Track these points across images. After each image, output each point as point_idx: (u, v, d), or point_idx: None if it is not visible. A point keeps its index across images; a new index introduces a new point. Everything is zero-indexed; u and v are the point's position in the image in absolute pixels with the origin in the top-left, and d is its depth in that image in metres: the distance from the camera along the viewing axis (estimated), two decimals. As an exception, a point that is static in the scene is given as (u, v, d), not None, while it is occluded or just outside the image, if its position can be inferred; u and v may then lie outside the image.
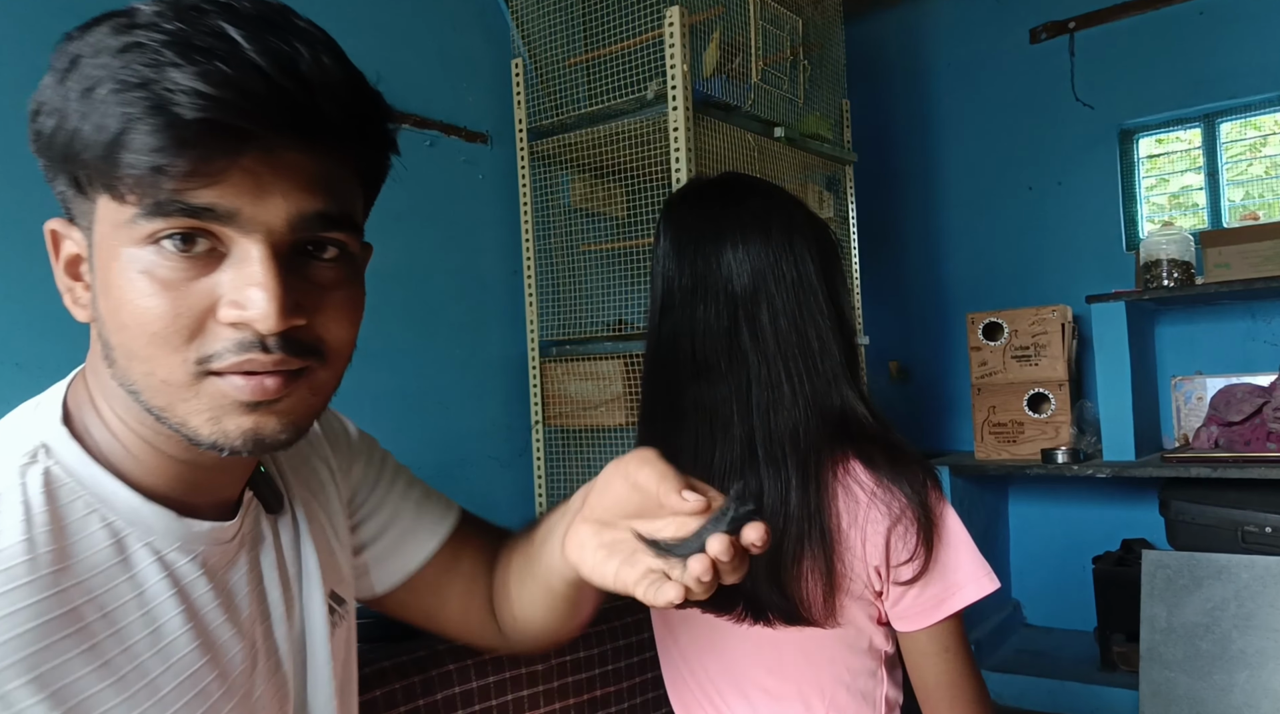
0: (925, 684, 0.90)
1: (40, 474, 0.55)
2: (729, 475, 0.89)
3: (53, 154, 0.54)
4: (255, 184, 0.51)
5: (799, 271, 0.91)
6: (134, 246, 0.51)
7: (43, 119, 0.53)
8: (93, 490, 0.56)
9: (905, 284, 3.79)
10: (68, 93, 0.51)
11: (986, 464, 3.04)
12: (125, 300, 0.52)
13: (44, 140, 0.54)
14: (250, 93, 0.48)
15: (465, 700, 1.01)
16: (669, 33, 2.17)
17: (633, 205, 2.58)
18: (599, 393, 2.43)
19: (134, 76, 0.48)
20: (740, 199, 0.94)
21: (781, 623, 0.88)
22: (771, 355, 0.89)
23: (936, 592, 0.88)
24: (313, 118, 0.51)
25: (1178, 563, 2.39)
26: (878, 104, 3.77)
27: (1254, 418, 2.61)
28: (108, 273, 0.53)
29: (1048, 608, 3.43)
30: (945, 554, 0.89)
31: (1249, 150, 3.27)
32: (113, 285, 0.52)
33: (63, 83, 0.51)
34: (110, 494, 0.56)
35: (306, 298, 0.54)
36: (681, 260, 0.93)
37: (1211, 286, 2.73)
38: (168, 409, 0.53)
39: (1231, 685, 2.26)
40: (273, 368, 0.53)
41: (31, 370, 1.74)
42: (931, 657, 0.89)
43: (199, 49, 0.48)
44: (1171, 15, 3.18)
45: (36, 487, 0.54)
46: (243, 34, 0.49)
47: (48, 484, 0.54)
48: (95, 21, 0.53)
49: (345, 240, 0.56)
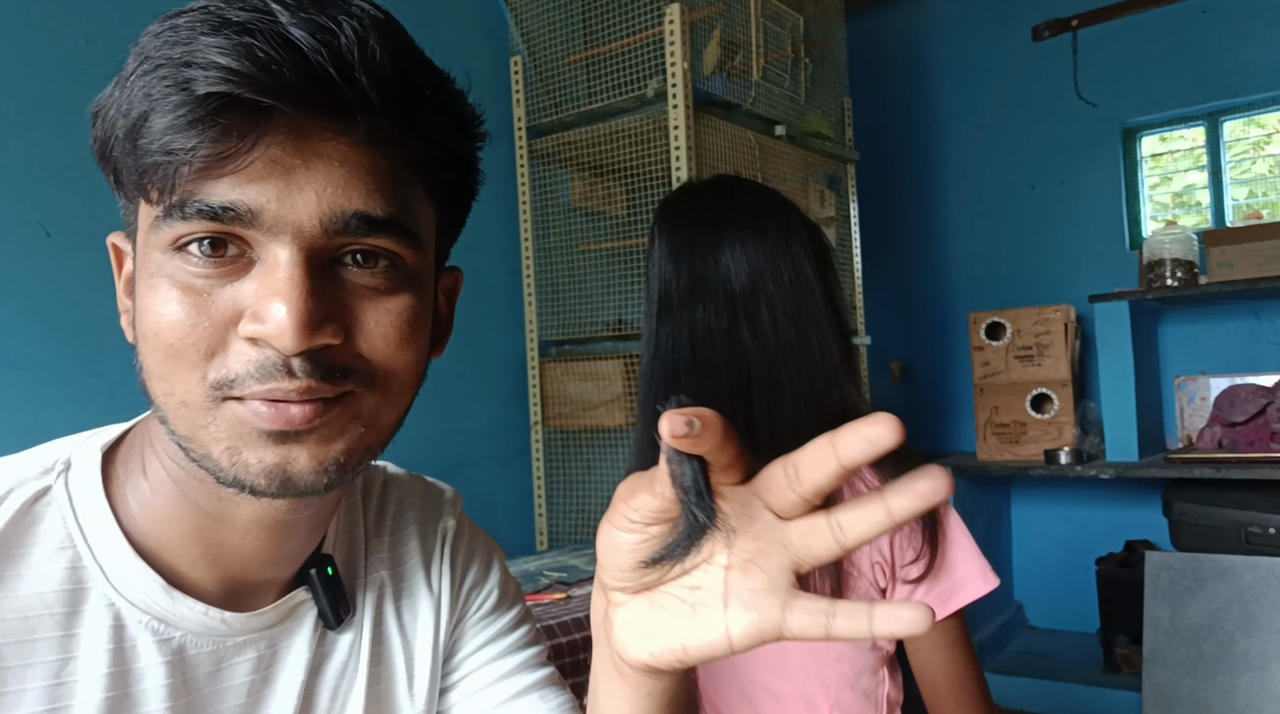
0: (933, 680, 0.91)
1: (36, 491, 0.50)
2: None
3: (99, 155, 0.48)
4: (283, 176, 0.44)
5: (796, 271, 0.91)
6: (161, 252, 0.45)
7: (95, 122, 0.48)
8: (84, 527, 0.49)
9: (907, 283, 3.77)
10: (112, 88, 0.46)
11: (989, 465, 3.03)
12: (146, 308, 0.46)
13: (93, 143, 0.49)
14: (276, 66, 0.42)
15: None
16: (669, 30, 2.16)
17: (633, 204, 2.57)
18: (599, 393, 2.42)
19: (162, 56, 0.43)
20: (735, 200, 0.95)
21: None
22: (772, 354, 0.89)
23: (943, 589, 0.89)
24: (350, 98, 0.44)
25: (1181, 564, 2.37)
26: (880, 102, 3.76)
27: (1258, 418, 2.60)
28: (139, 283, 0.47)
29: (1050, 610, 3.41)
30: (950, 551, 0.90)
31: (1253, 149, 3.25)
32: (140, 295, 0.47)
33: (114, 82, 0.47)
34: (103, 539, 0.49)
35: (343, 311, 0.46)
36: (679, 262, 0.93)
37: (1215, 286, 2.72)
38: (191, 438, 0.46)
39: (1235, 688, 2.25)
40: (298, 397, 0.45)
41: (28, 370, 1.73)
42: (939, 652, 0.90)
43: (232, 24, 0.42)
44: (1175, 13, 3.16)
45: (22, 498, 0.49)
46: (283, 7, 0.43)
47: (36, 498, 0.49)
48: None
49: (395, 249, 0.47)
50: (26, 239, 1.75)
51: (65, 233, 1.80)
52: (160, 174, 0.43)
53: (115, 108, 0.45)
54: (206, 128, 0.42)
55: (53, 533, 0.49)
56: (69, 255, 1.80)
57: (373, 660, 0.59)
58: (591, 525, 2.48)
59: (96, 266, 1.84)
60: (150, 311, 0.45)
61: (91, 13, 1.86)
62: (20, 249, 1.74)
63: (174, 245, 0.45)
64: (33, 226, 1.76)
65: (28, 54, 1.77)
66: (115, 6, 1.90)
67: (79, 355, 1.80)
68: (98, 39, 1.87)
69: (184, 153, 0.42)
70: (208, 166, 0.43)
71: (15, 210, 1.73)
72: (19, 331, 1.73)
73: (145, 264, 0.47)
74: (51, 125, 1.78)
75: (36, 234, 1.77)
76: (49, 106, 1.78)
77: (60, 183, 1.79)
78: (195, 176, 0.43)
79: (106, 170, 0.48)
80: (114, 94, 0.46)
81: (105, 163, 0.48)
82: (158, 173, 0.43)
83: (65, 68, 1.81)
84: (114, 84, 0.46)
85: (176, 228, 0.44)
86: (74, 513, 0.49)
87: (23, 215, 1.75)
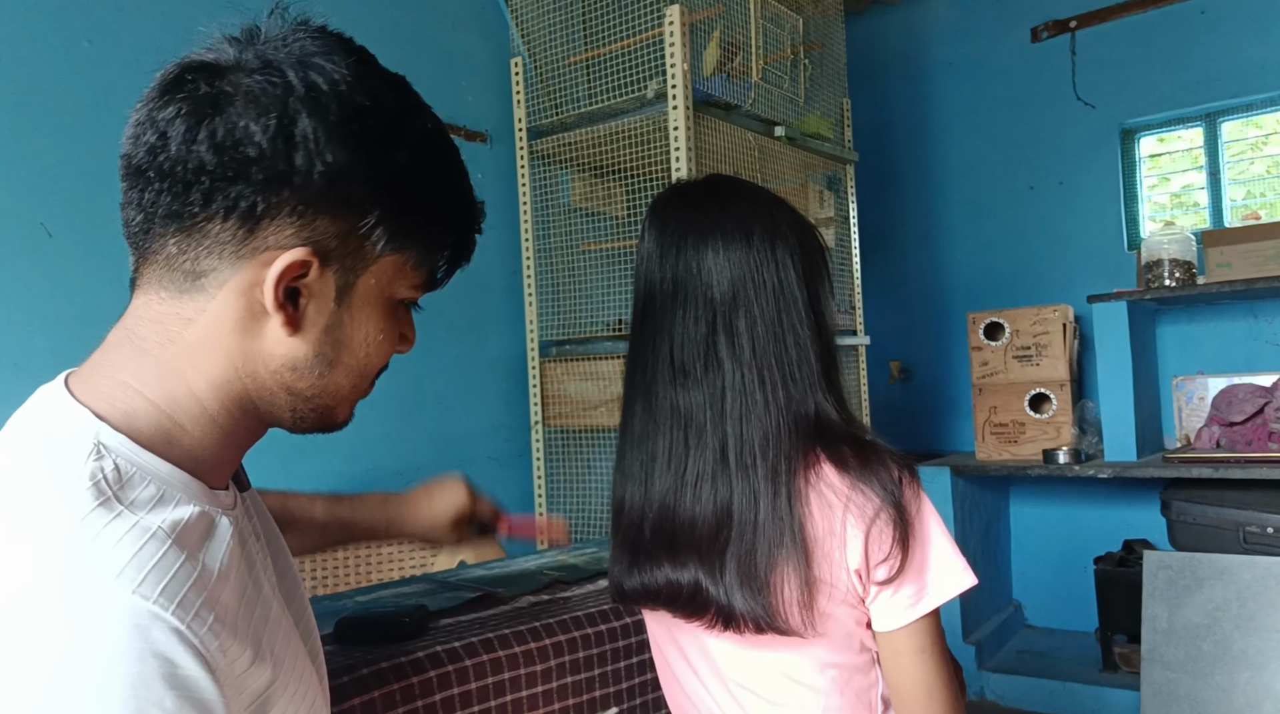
0: (900, 686, 0.89)
1: (112, 468, 0.56)
2: (700, 483, 0.89)
3: (396, 187, 0.61)
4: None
5: (779, 278, 0.90)
6: (391, 298, 0.65)
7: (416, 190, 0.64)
8: (153, 472, 0.57)
9: (906, 284, 3.78)
10: (397, 168, 0.61)
11: (988, 464, 3.04)
12: (367, 334, 0.64)
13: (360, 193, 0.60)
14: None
15: (464, 702, 1.01)
16: (669, 31, 2.17)
17: (632, 204, 2.58)
18: (598, 393, 2.42)
19: (457, 224, 0.67)
20: (723, 203, 0.94)
21: (752, 631, 0.87)
22: (747, 363, 0.89)
23: (913, 589, 0.87)
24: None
25: (1179, 563, 2.38)
26: (878, 103, 3.77)
27: (1256, 418, 2.61)
28: (355, 307, 0.63)
29: (1049, 609, 3.42)
30: (920, 550, 0.88)
31: (1250, 149, 3.26)
32: (357, 321, 0.63)
33: (388, 149, 0.61)
34: (167, 474, 0.58)
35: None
36: (664, 263, 0.93)
37: (1213, 286, 2.73)
38: (334, 408, 0.66)
39: (1233, 686, 2.26)
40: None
41: (31, 369, 1.74)
42: (907, 656, 0.88)
43: (478, 215, 0.69)
44: (1173, 14, 3.17)
45: (107, 473, 0.55)
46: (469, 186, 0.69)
47: (119, 471, 0.56)
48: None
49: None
50: (29, 240, 1.76)
51: (67, 234, 1.80)
52: (432, 278, 0.67)
53: (415, 209, 0.63)
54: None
55: (147, 489, 0.56)
56: (71, 256, 1.81)
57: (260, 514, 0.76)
58: (592, 525, 2.49)
59: (98, 267, 1.85)
60: (377, 343, 0.65)
61: (93, 15, 1.87)
62: (23, 250, 1.75)
63: (404, 301, 0.66)
64: (35, 227, 1.77)
65: (30, 56, 1.77)
66: (117, 9, 1.91)
67: (81, 355, 1.80)
68: (99, 41, 1.87)
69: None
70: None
71: (18, 211, 1.74)
72: (22, 331, 1.74)
73: (375, 302, 0.63)
74: (54, 127, 1.79)
75: (39, 235, 1.77)
76: (51, 108, 1.79)
77: (62, 184, 1.80)
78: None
79: (359, 215, 0.60)
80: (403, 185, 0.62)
81: (364, 217, 0.61)
82: (432, 275, 0.67)
83: (67, 70, 1.82)
84: (379, 148, 0.61)
85: (418, 293, 0.67)
86: (141, 469, 0.57)
87: (25, 216, 1.75)
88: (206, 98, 0.56)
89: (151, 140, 0.56)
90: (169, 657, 0.49)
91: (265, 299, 0.58)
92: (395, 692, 0.96)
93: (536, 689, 1.08)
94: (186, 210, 0.56)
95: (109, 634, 0.48)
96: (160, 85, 0.58)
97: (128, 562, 0.51)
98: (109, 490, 0.53)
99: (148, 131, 0.57)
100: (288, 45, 0.58)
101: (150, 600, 0.50)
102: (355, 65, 0.59)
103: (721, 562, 0.87)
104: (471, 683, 1.02)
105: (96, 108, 1.85)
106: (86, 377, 0.61)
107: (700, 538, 0.88)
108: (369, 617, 1.06)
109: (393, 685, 0.96)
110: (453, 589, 1.26)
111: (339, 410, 0.67)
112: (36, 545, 0.50)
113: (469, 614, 1.14)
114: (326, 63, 0.58)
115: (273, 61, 0.57)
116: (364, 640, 1.02)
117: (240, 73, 0.57)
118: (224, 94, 0.56)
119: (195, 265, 0.57)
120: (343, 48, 0.60)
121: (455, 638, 1.04)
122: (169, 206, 0.56)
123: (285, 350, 0.60)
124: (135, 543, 0.52)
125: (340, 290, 0.61)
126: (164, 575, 0.51)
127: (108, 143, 1.97)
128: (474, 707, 1.02)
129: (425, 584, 1.30)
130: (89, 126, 1.84)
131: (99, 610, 0.49)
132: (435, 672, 0.99)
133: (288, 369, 0.61)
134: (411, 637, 1.04)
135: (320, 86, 0.57)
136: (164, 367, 0.59)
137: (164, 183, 0.56)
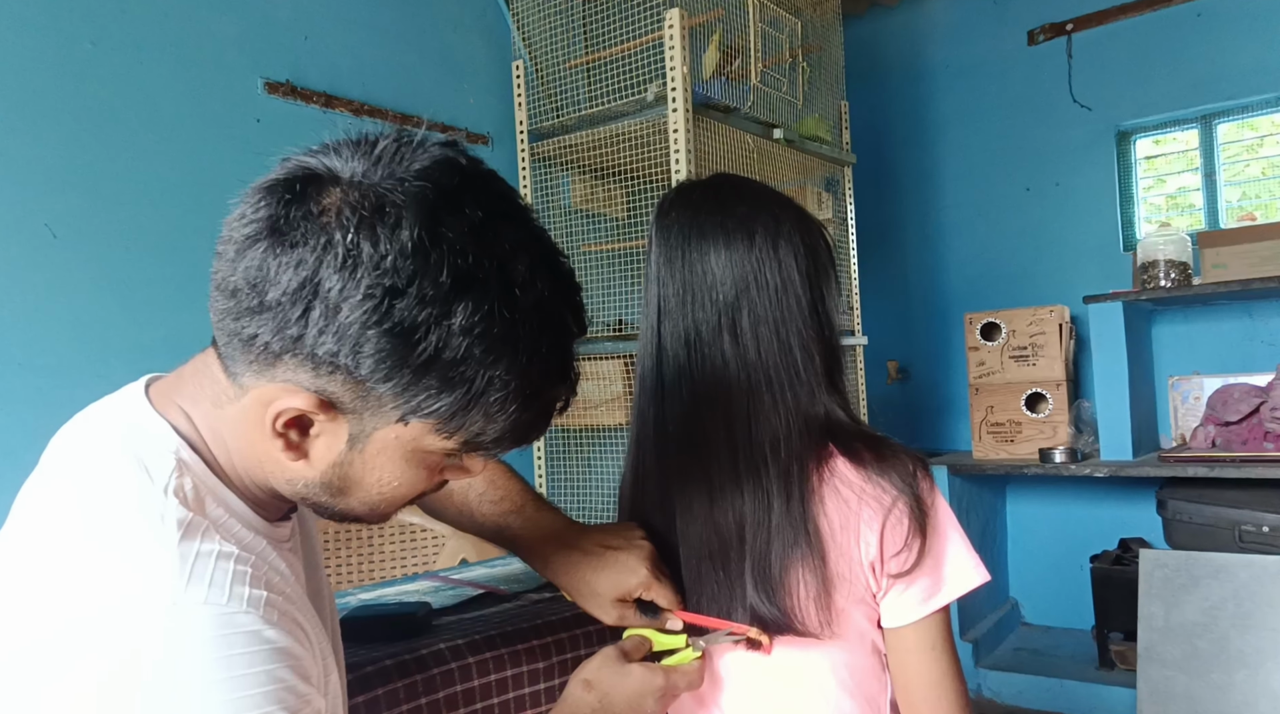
0: (908, 683, 0.88)
1: (192, 486, 0.61)
2: (712, 487, 0.89)
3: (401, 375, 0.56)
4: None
5: (782, 278, 0.90)
6: (414, 456, 0.61)
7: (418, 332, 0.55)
8: (219, 497, 0.62)
9: (904, 284, 3.80)
10: (457, 346, 0.55)
11: (984, 463, 3.05)
12: (384, 484, 0.62)
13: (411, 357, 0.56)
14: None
15: (467, 698, 1.02)
16: (669, 35, 2.18)
17: (633, 206, 2.59)
18: (599, 393, 2.43)
19: (512, 406, 0.59)
20: (727, 204, 0.94)
21: (770, 634, 0.88)
22: (752, 363, 0.89)
23: (927, 583, 0.87)
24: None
25: (1175, 562, 2.39)
26: (876, 106, 3.78)
27: (1251, 418, 2.62)
28: (375, 460, 0.61)
29: (1046, 607, 3.44)
30: (937, 544, 0.87)
31: (1246, 151, 3.28)
32: (375, 470, 0.62)
33: (449, 310, 0.55)
34: (231, 500, 0.63)
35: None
36: (671, 266, 0.93)
37: (1209, 287, 2.74)
38: (357, 518, 0.67)
39: (1229, 684, 2.27)
40: None
41: (35, 370, 1.75)
42: (917, 654, 0.88)
43: (568, 373, 0.63)
44: (1169, 17, 3.19)
45: (187, 488, 0.60)
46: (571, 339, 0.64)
47: (196, 490, 0.61)
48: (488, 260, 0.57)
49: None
50: (33, 241, 1.76)
51: (71, 235, 1.81)
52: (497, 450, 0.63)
53: (474, 385, 0.57)
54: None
55: (216, 510, 0.62)
56: (75, 257, 1.82)
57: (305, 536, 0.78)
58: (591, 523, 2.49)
59: (102, 268, 1.86)
60: (386, 484, 0.62)
61: (96, 17, 1.88)
62: (27, 251, 1.75)
63: (449, 454, 0.61)
64: (39, 228, 1.78)
65: (33, 57, 1.78)
66: (120, 10, 1.92)
67: (85, 355, 1.82)
68: (103, 43, 1.88)
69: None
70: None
71: (22, 212, 1.75)
72: (26, 332, 1.75)
73: (385, 450, 0.60)
74: (57, 128, 1.80)
75: (43, 236, 1.78)
76: (55, 109, 1.80)
77: (66, 185, 1.81)
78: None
79: (381, 383, 0.56)
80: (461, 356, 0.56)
81: (386, 387, 0.56)
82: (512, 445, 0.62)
83: (71, 71, 1.83)
84: (442, 302, 0.55)
85: (464, 451, 0.62)
86: (211, 492, 0.62)
87: (29, 217, 1.76)
88: (268, 221, 0.54)
89: (224, 233, 0.57)
90: (258, 632, 0.55)
91: (267, 423, 0.58)
92: (399, 688, 0.97)
93: (539, 686, 1.09)
94: (228, 315, 0.57)
95: (198, 639, 0.54)
96: (262, 183, 0.57)
97: (211, 574, 0.56)
98: (188, 507, 0.58)
99: (229, 223, 0.57)
100: (377, 188, 0.55)
101: (224, 604, 0.55)
102: (430, 226, 0.54)
103: (737, 565, 0.87)
104: (474, 679, 1.03)
105: (100, 109, 1.86)
106: (168, 392, 0.64)
107: (712, 541, 0.89)
108: (373, 614, 1.07)
109: (396, 683, 0.97)
110: (456, 586, 1.27)
111: (362, 520, 0.67)
112: (123, 550, 0.56)
113: (472, 611, 1.15)
114: (393, 219, 0.53)
115: (329, 209, 0.54)
116: (368, 638, 1.03)
117: (301, 207, 0.54)
118: (280, 224, 0.54)
119: (233, 363, 0.59)
120: (445, 202, 0.55)
121: (458, 635, 1.05)
122: (216, 302, 0.58)
123: (296, 471, 0.61)
124: (211, 558, 0.56)
125: (353, 437, 0.59)
126: (240, 584, 0.57)
127: (112, 144, 1.98)
128: (477, 703, 1.03)
129: (428, 581, 1.31)
130: (93, 128, 1.85)
131: (188, 621, 0.54)
132: (438, 668, 1.00)
133: (299, 483, 0.62)
134: (415, 634, 1.05)
135: (363, 253, 0.53)
136: (218, 421, 0.63)
137: (215, 277, 0.57)
